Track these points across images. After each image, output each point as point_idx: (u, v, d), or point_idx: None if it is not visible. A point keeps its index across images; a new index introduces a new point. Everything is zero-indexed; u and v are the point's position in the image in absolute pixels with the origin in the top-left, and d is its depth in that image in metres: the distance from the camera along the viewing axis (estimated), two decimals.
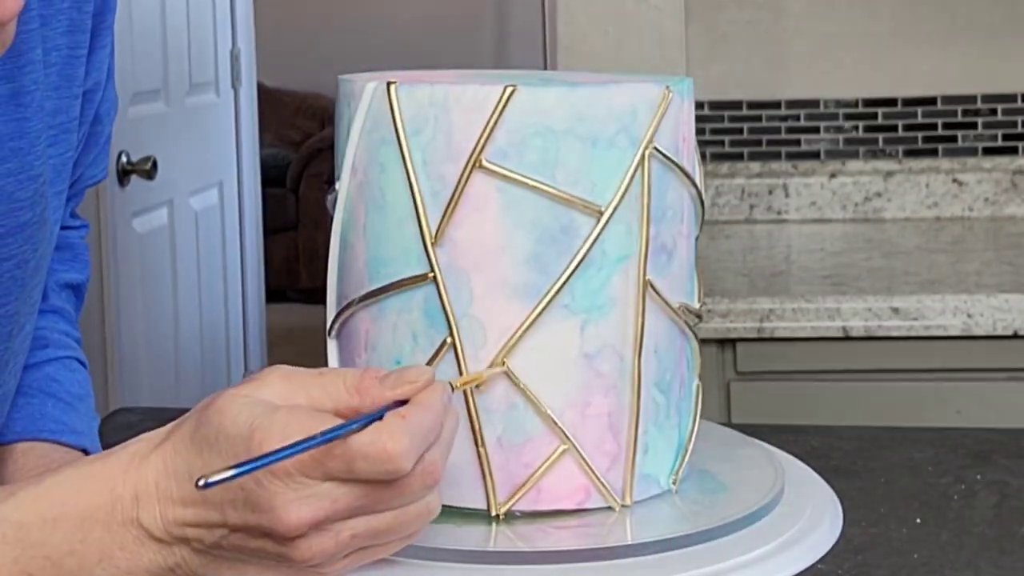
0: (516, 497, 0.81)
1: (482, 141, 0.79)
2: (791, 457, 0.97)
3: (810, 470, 0.95)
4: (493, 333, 0.80)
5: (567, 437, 0.81)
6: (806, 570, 0.80)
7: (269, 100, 5.54)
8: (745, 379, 1.89)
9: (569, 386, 0.81)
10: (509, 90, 0.79)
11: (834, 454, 1.14)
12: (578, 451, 0.82)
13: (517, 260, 0.80)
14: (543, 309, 0.80)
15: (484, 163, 0.79)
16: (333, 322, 0.86)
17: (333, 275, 0.85)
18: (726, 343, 1.88)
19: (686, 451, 0.88)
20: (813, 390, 1.88)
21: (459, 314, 0.80)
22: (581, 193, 0.80)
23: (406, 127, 0.80)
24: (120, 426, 1.32)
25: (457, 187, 0.79)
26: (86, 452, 1.01)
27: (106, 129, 1.06)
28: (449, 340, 0.80)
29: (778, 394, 1.88)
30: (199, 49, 3.50)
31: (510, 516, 0.82)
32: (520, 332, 0.80)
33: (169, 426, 0.74)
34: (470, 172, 0.79)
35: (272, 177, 5.64)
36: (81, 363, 1.09)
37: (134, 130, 3.08)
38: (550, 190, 0.79)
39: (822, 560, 0.83)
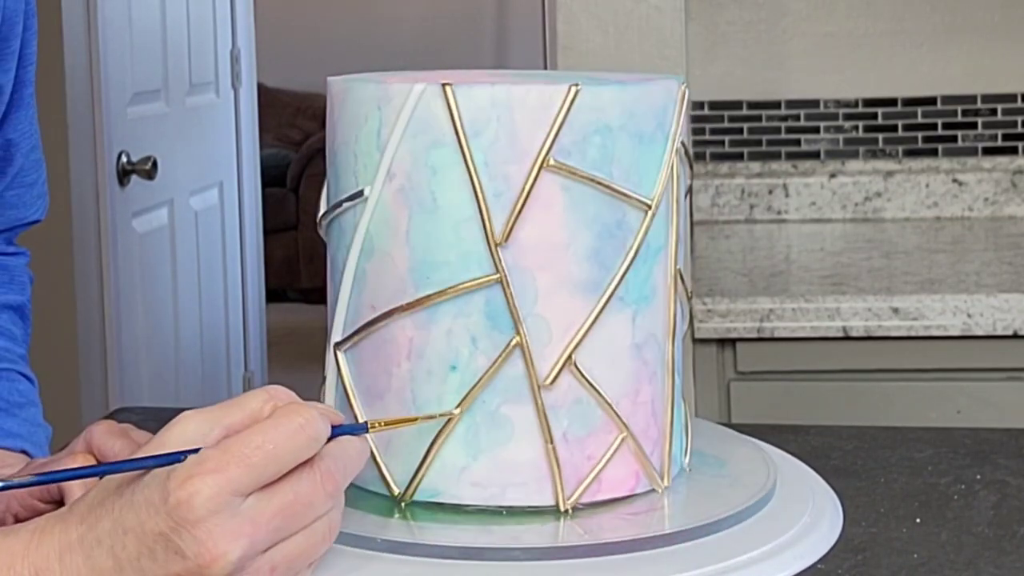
0: (581, 490, 0.83)
1: (549, 140, 0.79)
2: (791, 457, 0.97)
3: (810, 470, 0.95)
4: (558, 330, 0.81)
5: (625, 426, 0.83)
6: (806, 570, 0.81)
7: (269, 100, 5.54)
8: (745, 379, 1.89)
9: (624, 376, 0.83)
10: (574, 89, 0.80)
11: (834, 454, 1.14)
12: (632, 439, 0.84)
13: (580, 257, 0.81)
14: (605, 303, 0.82)
15: (552, 162, 0.80)
16: (351, 335, 0.84)
17: (348, 286, 0.83)
18: (726, 343, 1.88)
19: (688, 429, 0.90)
20: (813, 390, 1.88)
21: (524, 314, 0.80)
22: (632, 188, 0.82)
23: (466, 129, 0.80)
24: None
25: (524, 187, 0.80)
26: (27, 454, 0.99)
27: (17, 159, 1.03)
28: (516, 340, 0.80)
29: (778, 394, 1.88)
30: (199, 49, 3.50)
31: (573, 509, 0.83)
32: (585, 327, 0.81)
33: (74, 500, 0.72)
34: (538, 172, 0.79)
35: (272, 177, 5.65)
36: (24, 376, 1.06)
37: (134, 130, 3.08)
38: (610, 186, 0.81)
39: (822, 560, 0.83)
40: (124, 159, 3.03)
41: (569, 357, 0.81)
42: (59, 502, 0.84)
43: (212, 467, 0.67)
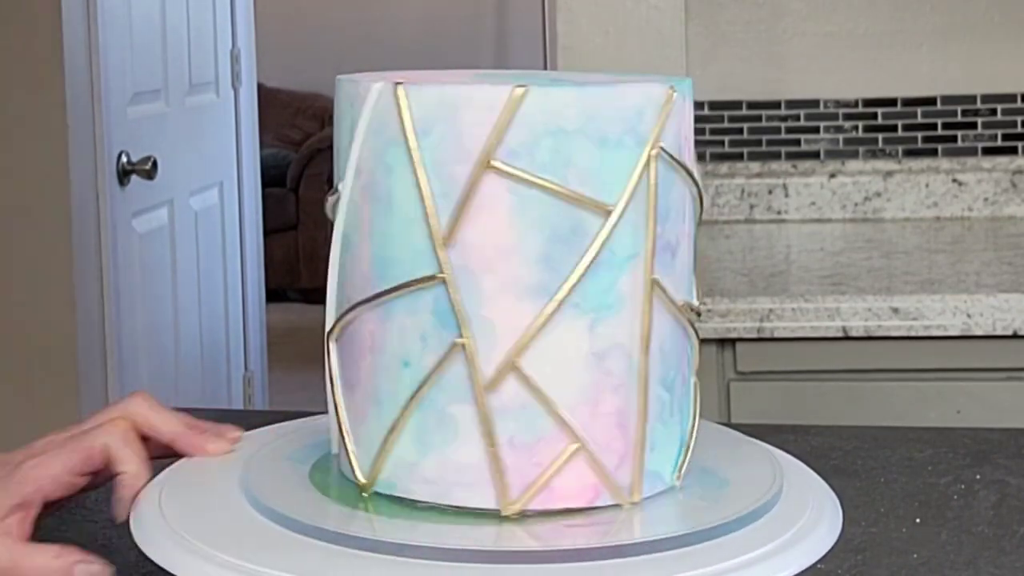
0: (527, 496, 0.82)
1: (492, 141, 0.78)
2: (791, 457, 0.97)
3: (810, 470, 0.95)
4: (504, 333, 0.80)
5: (577, 436, 0.82)
6: (806, 570, 0.80)
7: (269, 100, 5.54)
8: (745, 379, 1.89)
9: (579, 385, 0.81)
10: (520, 90, 0.79)
11: (834, 454, 1.14)
12: (588, 450, 0.82)
13: (528, 260, 0.80)
14: (555, 309, 0.80)
15: (494, 163, 0.79)
16: (335, 324, 0.85)
17: (334, 277, 0.85)
18: (726, 343, 1.88)
19: (688, 447, 0.89)
20: (813, 390, 1.88)
21: (470, 315, 0.80)
22: (591, 193, 0.80)
23: (415, 128, 0.80)
24: None
25: (467, 188, 0.79)
26: None
27: None
28: (460, 341, 0.80)
29: (778, 394, 1.88)
30: (199, 49, 3.50)
31: (523, 515, 0.82)
32: (532, 332, 0.80)
33: None
34: (481, 173, 0.79)
35: (272, 177, 5.65)
36: None
37: (134, 130, 3.08)
38: (561, 190, 0.79)
39: (822, 560, 0.83)
40: (124, 159, 3.03)
41: (513, 362, 0.80)
42: (97, 472, 0.85)
43: None
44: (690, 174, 0.85)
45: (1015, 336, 1.82)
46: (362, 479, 0.84)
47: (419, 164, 0.79)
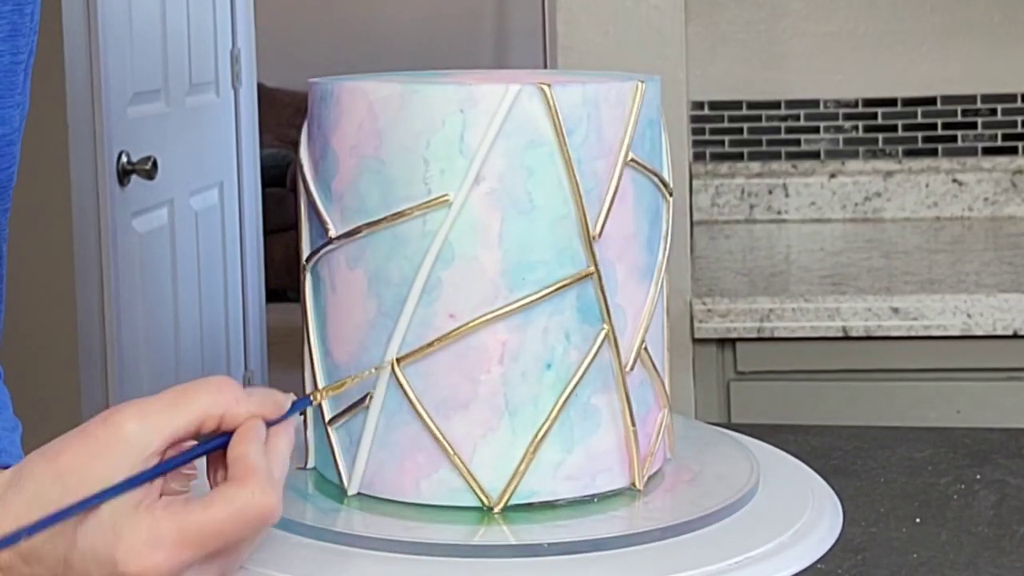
0: (647, 467, 0.85)
1: (629, 135, 0.82)
2: (790, 456, 0.97)
3: (810, 470, 0.95)
4: (631, 318, 0.84)
5: (668, 401, 0.88)
6: (806, 570, 0.81)
7: (269, 100, 5.54)
8: (745, 379, 1.89)
9: (666, 355, 0.89)
10: (643, 85, 0.83)
11: (834, 454, 1.14)
12: (670, 414, 0.89)
13: (642, 245, 0.84)
14: (659, 288, 0.85)
15: (632, 157, 0.82)
16: (423, 348, 0.81)
17: (413, 301, 0.81)
18: (726, 343, 1.88)
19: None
20: (813, 390, 1.88)
21: (610, 305, 0.82)
22: (665, 175, 0.86)
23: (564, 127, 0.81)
24: None
25: (611, 182, 0.82)
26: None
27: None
28: (606, 330, 0.82)
29: (778, 394, 1.88)
30: (199, 49, 3.50)
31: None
32: (649, 312, 0.84)
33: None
34: (622, 166, 0.82)
35: (272, 177, 5.64)
36: None
37: (134, 130, 3.08)
38: (660, 176, 0.85)
39: (822, 560, 0.83)
40: (124, 159, 3.03)
41: (643, 342, 0.84)
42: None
43: (167, 548, 0.67)
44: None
45: (1015, 336, 1.82)
46: (493, 496, 0.81)
47: (572, 163, 0.81)
